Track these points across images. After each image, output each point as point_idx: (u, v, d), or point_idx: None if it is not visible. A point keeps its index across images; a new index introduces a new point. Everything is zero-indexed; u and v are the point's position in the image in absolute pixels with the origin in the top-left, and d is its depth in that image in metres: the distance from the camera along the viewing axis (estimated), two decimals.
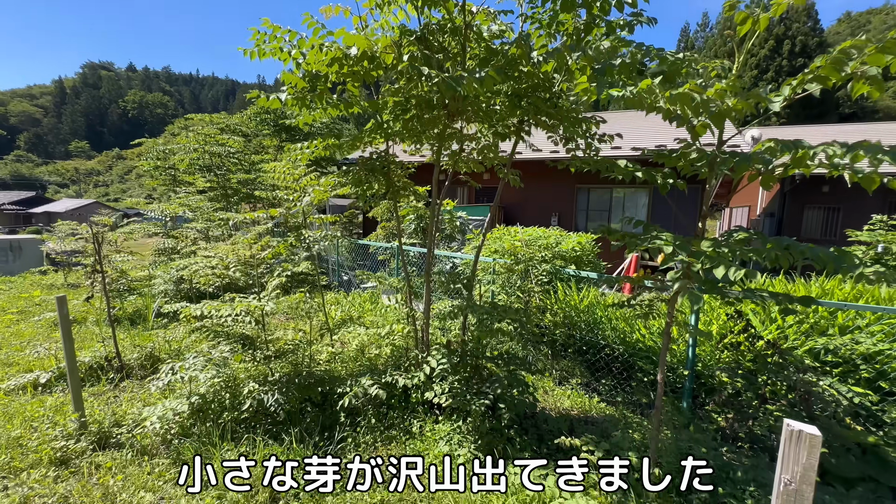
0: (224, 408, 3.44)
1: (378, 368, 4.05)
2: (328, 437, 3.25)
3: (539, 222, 9.40)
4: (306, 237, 4.10)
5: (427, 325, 3.54)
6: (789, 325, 4.52)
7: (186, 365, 3.20)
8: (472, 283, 3.62)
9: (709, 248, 1.80)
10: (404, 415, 3.48)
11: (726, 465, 2.74)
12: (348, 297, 8.53)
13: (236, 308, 3.17)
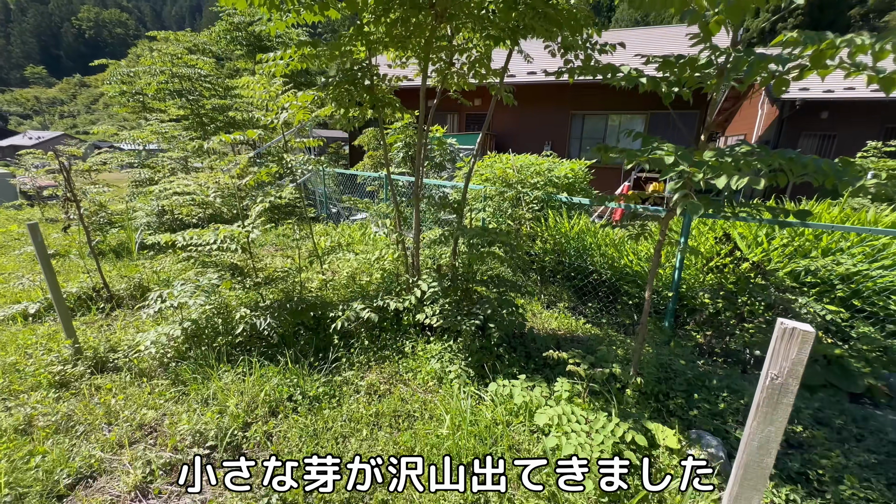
0: (218, 332, 3.48)
1: (369, 294, 4.09)
2: (322, 358, 3.35)
3: (532, 150, 9.10)
4: (288, 162, 3.90)
5: (417, 250, 3.50)
6: (774, 248, 4.60)
7: (175, 292, 3.17)
8: (462, 207, 3.53)
9: (711, 158, 1.71)
10: (396, 336, 3.57)
11: (703, 375, 2.91)
12: (337, 228, 8.43)
13: (220, 234, 3.07)
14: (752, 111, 18.03)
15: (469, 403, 2.72)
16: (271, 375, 3.02)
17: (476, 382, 2.99)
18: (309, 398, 2.87)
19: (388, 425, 2.66)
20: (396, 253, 3.43)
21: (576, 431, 2.11)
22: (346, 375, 3.13)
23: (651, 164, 1.84)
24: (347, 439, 2.54)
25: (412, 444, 2.46)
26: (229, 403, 2.73)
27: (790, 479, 2.06)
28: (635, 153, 2.00)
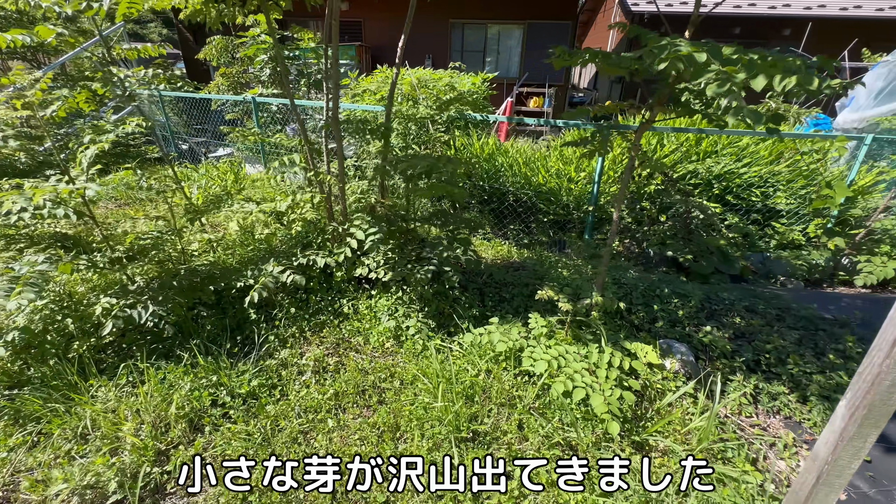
0: (70, 336, 2.47)
1: (280, 250, 3.32)
2: (244, 342, 2.65)
3: (412, 65, 8.22)
4: (123, 78, 2.65)
5: (343, 190, 2.83)
6: (666, 154, 5.01)
7: None
8: (389, 132, 2.90)
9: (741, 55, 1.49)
10: (329, 297, 3.00)
11: (653, 285, 3.06)
12: (198, 170, 6.80)
13: (35, 198, 1.98)
14: (604, 34, 19.18)
15: (440, 359, 2.43)
16: (177, 380, 2.27)
17: (441, 333, 2.68)
18: (241, 397, 2.24)
19: (355, 404, 2.24)
20: (317, 197, 2.71)
21: (578, 372, 1.99)
22: (282, 356, 2.53)
23: (668, 68, 1.54)
24: (310, 436, 2.06)
25: (393, 421, 2.10)
26: (123, 432, 1.97)
27: (750, 368, 2.31)
28: (643, 57, 1.68)
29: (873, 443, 1.03)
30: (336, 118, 2.54)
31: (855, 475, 1.85)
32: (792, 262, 4.45)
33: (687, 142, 5.04)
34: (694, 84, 1.83)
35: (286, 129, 6.84)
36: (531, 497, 1.71)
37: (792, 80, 1.32)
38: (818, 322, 2.63)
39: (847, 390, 1.05)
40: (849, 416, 1.04)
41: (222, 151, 8.91)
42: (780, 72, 1.34)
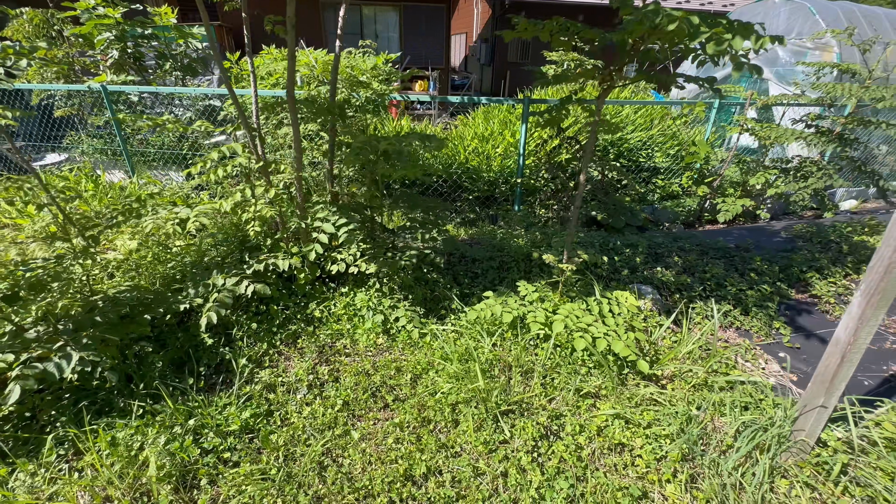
0: None
1: (213, 262, 2.81)
2: (208, 375, 2.21)
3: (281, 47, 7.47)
4: None
5: (300, 181, 2.48)
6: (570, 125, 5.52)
7: None
8: (338, 111, 2.63)
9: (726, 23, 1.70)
10: (293, 303, 2.65)
11: (604, 241, 3.37)
12: (31, 180, 5.31)
13: None
14: (470, 9, 20.01)
15: (452, 341, 2.36)
16: (142, 436, 1.79)
17: (432, 319, 2.59)
18: (233, 434, 1.88)
19: (369, 409, 2.05)
20: (271, 191, 2.31)
21: (591, 325, 2.12)
22: (263, 379, 2.17)
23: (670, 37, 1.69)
24: (338, 455, 1.83)
25: (420, 415, 1.98)
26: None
27: (701, 296, 2.74)
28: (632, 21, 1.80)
29: (880, 320, 1.32)
30: (292, 96, 2.19)
31: (793, 359, 2.34)
32: (674, 210, 5.34)
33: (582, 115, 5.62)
34: (691, 44, 1.97)
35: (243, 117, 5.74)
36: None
37: (765, 41, 1.56)
38: (729, 251, 3.24)
39: (861, 282, 1.33)
40: (865, 303, 1.31)
41: (54, 158, 7.13)
42: (752, 34, 1.57)
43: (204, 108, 6.27)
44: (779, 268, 2.96)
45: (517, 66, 18.33)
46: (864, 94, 4.02)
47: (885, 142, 6.29)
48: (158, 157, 6.11)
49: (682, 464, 1.66)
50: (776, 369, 2.24)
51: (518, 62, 17.81)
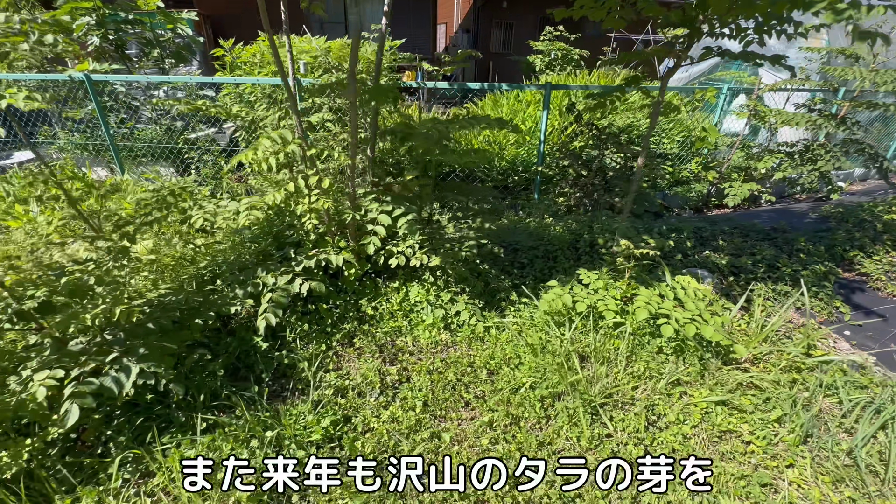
0: None
1: (245, 258, 2.62)
2: (272, 381, 2.04)
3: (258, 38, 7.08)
4: None
5: (354, 167, 2.30)
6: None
7: None
8: (384, 95, 2.47)
9: None
10: (342, 300, 2.49)
11: (647, 228, 3.33)
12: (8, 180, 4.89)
13: None
14: (449, 5, 19.69)
15: (525, 332, 2.26)
16: (214, 452, 1.62)
17: (491, 312, 2.49)
18: (315, 444, 1.73)
19: (450, 409, 1.94)
20: (326, 181, 2.13)
21: (673, 311, 2.06)
22: (330, 382, 2.02)
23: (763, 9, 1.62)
24: (439, 469, 1.71)
25: (508, 411, 1.88)
26: None
27: (757, 278, 2.73)
28: None
29: None
30: (354, 78, 2.02)
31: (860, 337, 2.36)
32: (684, 195, 5.40)
33: None
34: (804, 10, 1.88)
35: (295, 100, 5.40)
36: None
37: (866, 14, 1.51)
38: (768, 233, 3.27)
39: None
40: None
41: (22, 156, 6.61)
42: (859, 5, 1.52)
43: (195, 98, 5.89)
44: (823, 248, 3.01)
45: (500, 56, 18.21)
46: (876, 78, 4.12)
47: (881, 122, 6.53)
48: (147, 152, 5.72)
49: (800, 448, 1.63)
50: (846, 347, 2.26)
51: (501, 52, 17.69)
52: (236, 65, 5.68)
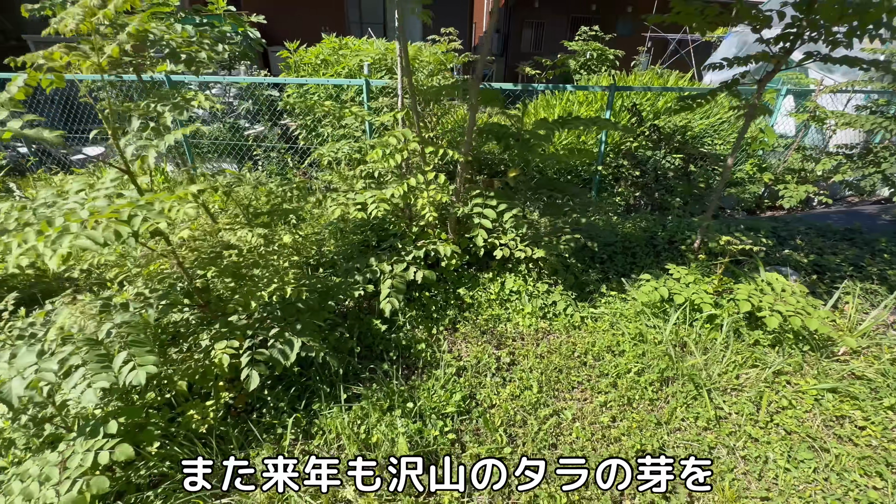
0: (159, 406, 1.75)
1: (346, 249, 2.81)
2: (396, 360, 2.22)
3: (304, 37, 7.24)
4: None
5: (466, 164, 2.46)
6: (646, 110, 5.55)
7: None
8: (499, 95, 2.62)
9: None
10: (442, 289, 2.66)
11: (720, 225, 3.42)
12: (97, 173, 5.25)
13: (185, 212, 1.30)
14: (480, 3, 19.79)
15: (605, 325, 2.40)
16: (362, 420, 1.81)
17: (583, 302, 2.62)
18: (448, 417, 1.89)
19: (571, 389, 2.08)
20: (441, 177, 2.29)
21: (773, 303, 2.17)
22: (449, 362, 2.18)
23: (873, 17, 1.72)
24: (567, 441, 1.86)
25: (626, 395, 2.02)
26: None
27: (843, 276, 2.80)
28: None
29: None
30: (479, 78, 2.18)
31: None
32: (739, 196, 5.42)
33: (648, 101, 5.66)
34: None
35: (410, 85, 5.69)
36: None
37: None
38: (844, 234, 3.32)
39: None
40: None
41: (92, 151, 7.01)
42: None
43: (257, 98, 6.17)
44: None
45: (530, 56, 18.25)
46: None
47: None
48: (213, 149, 6.04)
49: None
50: None
51: (532, 52, 17.70)
52: (299, 65, 5.93)
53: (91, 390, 1.31)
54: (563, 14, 17.26)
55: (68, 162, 6.64)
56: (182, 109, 1.82)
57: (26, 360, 1.37)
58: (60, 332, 1.41)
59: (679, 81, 6.39)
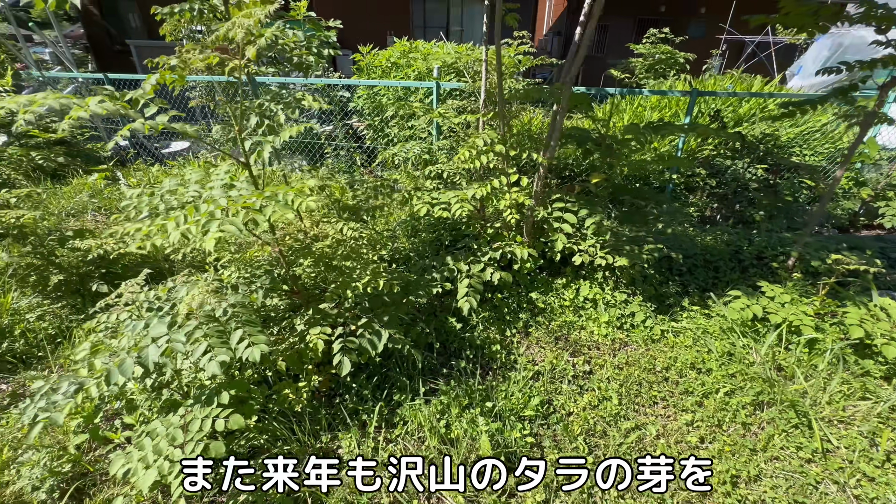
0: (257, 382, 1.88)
1: (418, 247, 2.87)
2: (473, 359, 2.25)
3: (370, 42, 7.44)
4: None
5: (547, 166, 2.46)
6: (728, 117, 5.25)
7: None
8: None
9: None
10: (515, 292, 2.65)
11: (823, 242, 3.16)
12: (184, 165, 5.74)
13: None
14: (542, 2, 19.56)
15: (688, 340, 2.28)
16: (441, 415, 1.84)
17: (663, 315, 2.51)
18: (527, 419, 1.89)
19: (651, 404, 2.00)
20: (524, 180, 2.30)
21: (889, 331, 1.97)
22: (524, 365, 2.18)
23: None
24: (644, 444, 1.80)
25: (715, 414, 1.91)
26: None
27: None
28: None
29: None
30: (571, 80, 2.17)
31: None
32: (830, 212, 4.96)
33: (729, 107, 5.33)
34: None
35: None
36: None
37: None
38: None
39: None
40: None
41: (179, 146, 7.64)
42: None
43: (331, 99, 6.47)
44: None
45: (593, 59, 17.77)
46: None
47: None
48: (285, 145, 6.39)
49: None
50: None
51: (595, 56, 17.25)
52: (370, 68, 6.16)
53: (214, 363, 1.44)
54: (629, 16, 16.69)
55: (160, 155, 7.27)
56: (293, 108, 1.95)
57: (159, 330, 1.53)
58: (188, 308, 1.56)
59: (766, 87, 5.96)
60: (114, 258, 2.86)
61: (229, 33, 1.38)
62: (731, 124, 5.29)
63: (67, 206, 4.28)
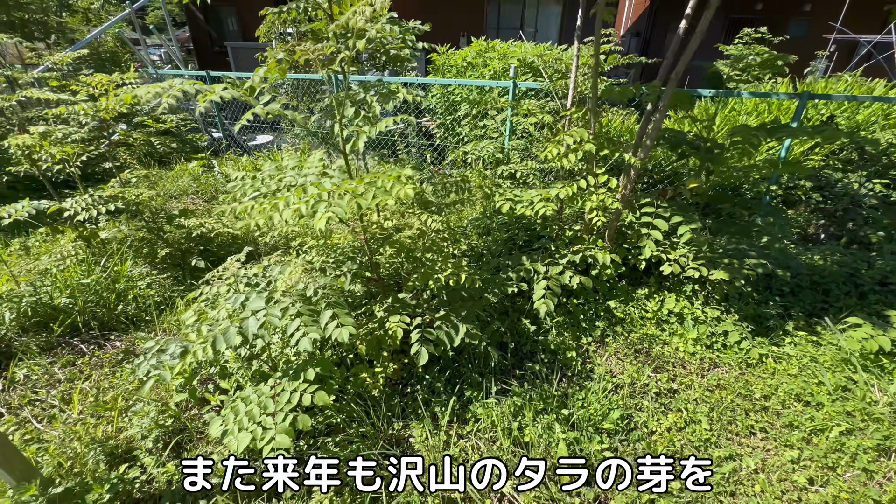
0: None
1: (491, 245, 2.82)
2: (548, 363, 2.18)
3: (445, 42, 7.41)
4: None
5: (636, 168, 2.33)
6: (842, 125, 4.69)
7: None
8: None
9: None
10: (592, 299, 2.53)
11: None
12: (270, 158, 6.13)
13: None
14: (620, 2, 18.74)
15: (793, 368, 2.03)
16: (515, 416, 1.79)
17: (764, 338, 2.27)
18: (607, 433, 1.78)
19: (747, 434, 1.81)
20: (613, 181, 2.19)
21: None
22: (601, 375, 2.06)
23: None
24: (748, 493, 1.63)
25: (834, 454, 1.69)
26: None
27: None
28: None
29: None
30: (676, 81, 2.04)
31: None
32: None
33: (844, 113, 4.74)
34: None
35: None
36: None
37: None
38: None
39: None
40: None
41: (263, 139, 8.20)
42: None
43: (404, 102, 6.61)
44: None
45: None
46: None
47: None
48: None
49: None
50: None
51: None
52: (446, 67, 6.23)
53: (306, 339, 1.50)
54: (718, 15, 15.45)
55: (246, 147, 7.87)
56: (388, 99, 2.00)
57: (258, 304, 1.62)
58: (285, 285, 1.64)
59: (890, 91, 5.24)
60: (211, 237, 3.13)
61: (349, 21, 1.43)
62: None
63: (171, 189, 4.76)
